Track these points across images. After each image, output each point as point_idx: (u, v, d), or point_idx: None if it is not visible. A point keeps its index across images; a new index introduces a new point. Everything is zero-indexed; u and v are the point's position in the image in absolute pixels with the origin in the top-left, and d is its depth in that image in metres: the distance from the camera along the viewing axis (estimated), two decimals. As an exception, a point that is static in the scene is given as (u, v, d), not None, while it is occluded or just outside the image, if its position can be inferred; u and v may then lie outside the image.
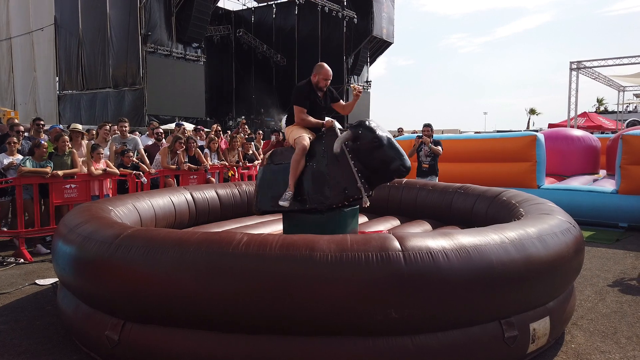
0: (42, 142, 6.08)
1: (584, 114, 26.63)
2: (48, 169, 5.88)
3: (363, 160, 3.70)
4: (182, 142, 7.34)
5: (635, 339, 3.40)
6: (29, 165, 5.83)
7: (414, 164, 7.47)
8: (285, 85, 36.57)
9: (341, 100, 4.30)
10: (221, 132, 9.77)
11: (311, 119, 4.01)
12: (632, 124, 11.72)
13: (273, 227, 5.26)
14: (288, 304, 2.49)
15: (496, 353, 2.77)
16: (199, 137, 8.90)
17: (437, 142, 7.31)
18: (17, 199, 5.75)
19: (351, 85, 4.11)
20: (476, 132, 23.37)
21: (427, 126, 7.37)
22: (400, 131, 13.95)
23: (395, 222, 5.70)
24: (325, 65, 4.06)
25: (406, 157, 3.68)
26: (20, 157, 6.10)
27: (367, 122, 3.77)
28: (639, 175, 7.34)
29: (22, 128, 6.74)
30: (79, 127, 7.59)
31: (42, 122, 7.24)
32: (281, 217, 4.32)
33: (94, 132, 8.22)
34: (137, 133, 7.73)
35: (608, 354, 3.16)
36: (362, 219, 5.81)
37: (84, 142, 7.21)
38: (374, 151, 3.64)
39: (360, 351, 2.54)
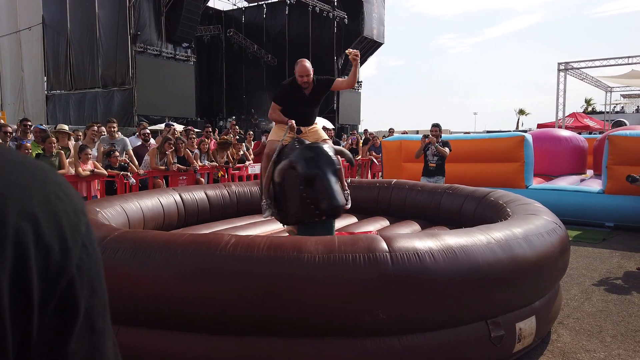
0: (24, 143, 6.02)
1: (573, 115, 26.93)
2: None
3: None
4: (171, 143, 7.30)
5: (620, 338, 3.44)
6: (15, 167, 5.76)
7: (419, 164, 7.51)
8: (276, 86, 36.48)
9: (337, 79, 4.21)
10: (211, 133, 9.74)
11: (280, 116, 4.03)
12: (618, 124, 11.83)
13: (262, 228, 5.26)
14: (276, 305, 2.50)
15: (483, 353, 2.80)
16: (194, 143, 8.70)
17: (445, 143, 7.18)
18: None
19: (346, 51, 4.02)
20: (466, 133, 23.54)
21: (436, 126, 7.28)
22: (391, 131, 14.00)
23: (385, 223, 5.73)
24: (302, 61, 3.97)
25: (337, 196, 3.26)
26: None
27: (305, 152, 3.47)
28: (624, 175, 7.43)
29: (9, 129, 6.66)
30: (65, 127, 7.53)
31: (29, 123, 7.17)
32: (269, 217, 4.34)
33: (81, 132, 8.14)
34: (119, 134, 7.62)
35: (593, 353, 3.20)
36: (352, 219, 5.83)
37: (71, 143, 7.15)
38: (304, 187, 3.40)
39: (348, 352, 2.55)
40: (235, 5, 40.17)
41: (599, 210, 7.62)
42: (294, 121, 3.96)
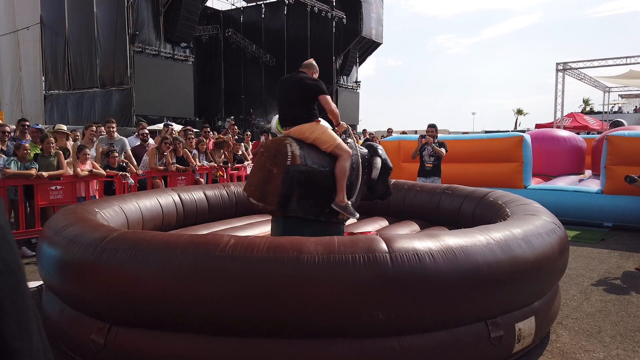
0: (23, 143, 6.01)
1: (571, 115, 26.98)
2: (33, 171, 5.81)
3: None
4: (168, 143, 7.29)
5: (619, 338, 3.45)
6: (13, 167, 5.75)
7: (417, 164, 7.52)
8: (274, 85, 36.47)
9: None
10: (210, 132, 9.72)
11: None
12: (615, 124, 11.85)
13: (261, 228, 5.25)
14: (275, 306, 2.49)
15: (482, 353, 2.80)
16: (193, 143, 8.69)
17: (441, 144, 7.20)
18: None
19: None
20: (464, 133, 23.56)
21: (432, 127, 7.30)
22: (389, 132, 13.99)
23: (384, 223, 5.73)
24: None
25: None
26: (4, 157, 6.02)
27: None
28: (623, 175, 7.44)
29: (7, 129, 6.65)
30: (64, 127, 7.51)
31: (27, 123, 7.15)
32: (269, 218, 4.31)
33: (79, 132, 8.13)
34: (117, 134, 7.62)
35: (592, 353, 3.21)
36: (351, 219, 5.82)
37: (69, 143, 7.14)
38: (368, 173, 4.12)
39: (347, 353, 2.55)
40: (233, 5, 40.17)
41: (598, 210, 7.63)
42: (348, 125, 4.24)
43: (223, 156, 8.56)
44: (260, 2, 39.37)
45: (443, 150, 7.11)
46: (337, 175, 3.67)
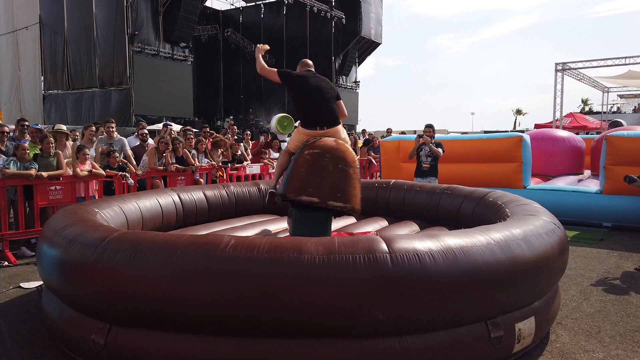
0: (21, 143, 6.00)
1: (570, 115, 27.01)
2: (32, 171, 5.81)
3: None
4: (166, 143, 7.27)
5: (619, 338, 3.45)
6: (12, 167, 5.74)
7: (414, 164, 7.52)
8: (273, 86, 36.46)
9: None
10: (209, 133, 9.71)
11: None
12: (614, 124, 11.86)
13: (260, 228, 5.25)
14: (276, 307, 2.49)
15: (482, 353, 2.80)
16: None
17: (438, 144, 7.21)
18: (0, 200, 5.67)
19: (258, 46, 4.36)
20: (463, 133, 23.57)
21: (429, 127, 7.31)
22: (389, 132, 13.99)
23: (384, 223, 5.73)
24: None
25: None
26: (4, 158, 6.01)
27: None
28: (622, 175, 7.45)
29: (6, 129, 6.63)
30: (63, 127, 7.50)
31: (26, 123, 7.14)
32: (271, 218, 4.32)
33: (78, 132, 8.12)
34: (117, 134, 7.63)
35: (592, 353, 3.21)
36: (350, 219, 5.83)
37: (69, 143, 7.13)
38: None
39: (347, 353, 2.55)
40: (232, 5, 40.18)
41: (597, 210, 7.64)
42: None
43: (221, 156, 8.56)
44: (260, 2, 39.38)
45: (440, 150, 7.12)
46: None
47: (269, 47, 4.37)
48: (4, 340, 3.38)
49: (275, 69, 4.21)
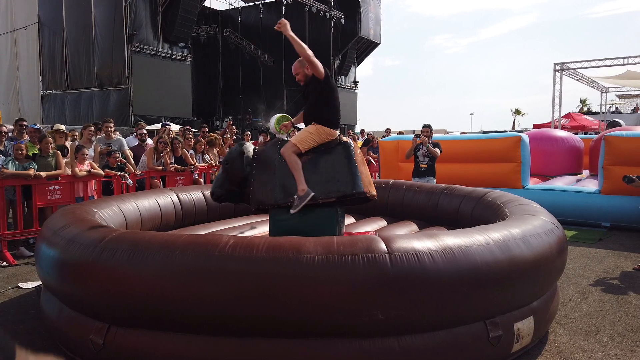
0: (17, 142, 5.99)
1: (569, 115, 27.03)
2: (31, 171, 5.80)
3: None
4: (164, 143, 7.27)
5: (617, 338, 3.46)
6: (11, 167, 5.74)
7: (411, 164, 7.52)
8: (272, 85, 36.47)
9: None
10: (208, 133, 9.71)
11: None
12: (613, 124, 11.87)
13: (260, 228, 5.25)
14: (275, 306, 2.49)
15: (481, 353, 2.80)
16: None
17: (436, 144, 7.21)
18: (-1, 200, 5.67)
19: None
20: (462, 133, 23.58)
21: (427, 127, 7.31)
22: (387, 132, 14.00)
23: (383, 223, 5.73)
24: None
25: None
26: (2, 158, 6.01)
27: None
28: (620, 175, 7.47)
29: (4, 129, 6.63)
30: (62, 127, 7.50)
31: (25, 123, 7.14)
32: (267, 218, 4.30)
33: (77, 132, 8.11)
34: (116, 134, 7.63)
35: (591, 353, 3.22)
36: (350, 219, 5.83)
37: (68, 143, 7.12)
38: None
39: (347, 352, 2.56)
40: (231, 5, 40.13)
41: (595, 210, 7.65)
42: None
43: (217, 155, 8.55)
44: (258, 2, 39.34)
45: (437, 150, 7.13)
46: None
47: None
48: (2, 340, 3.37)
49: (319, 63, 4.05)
